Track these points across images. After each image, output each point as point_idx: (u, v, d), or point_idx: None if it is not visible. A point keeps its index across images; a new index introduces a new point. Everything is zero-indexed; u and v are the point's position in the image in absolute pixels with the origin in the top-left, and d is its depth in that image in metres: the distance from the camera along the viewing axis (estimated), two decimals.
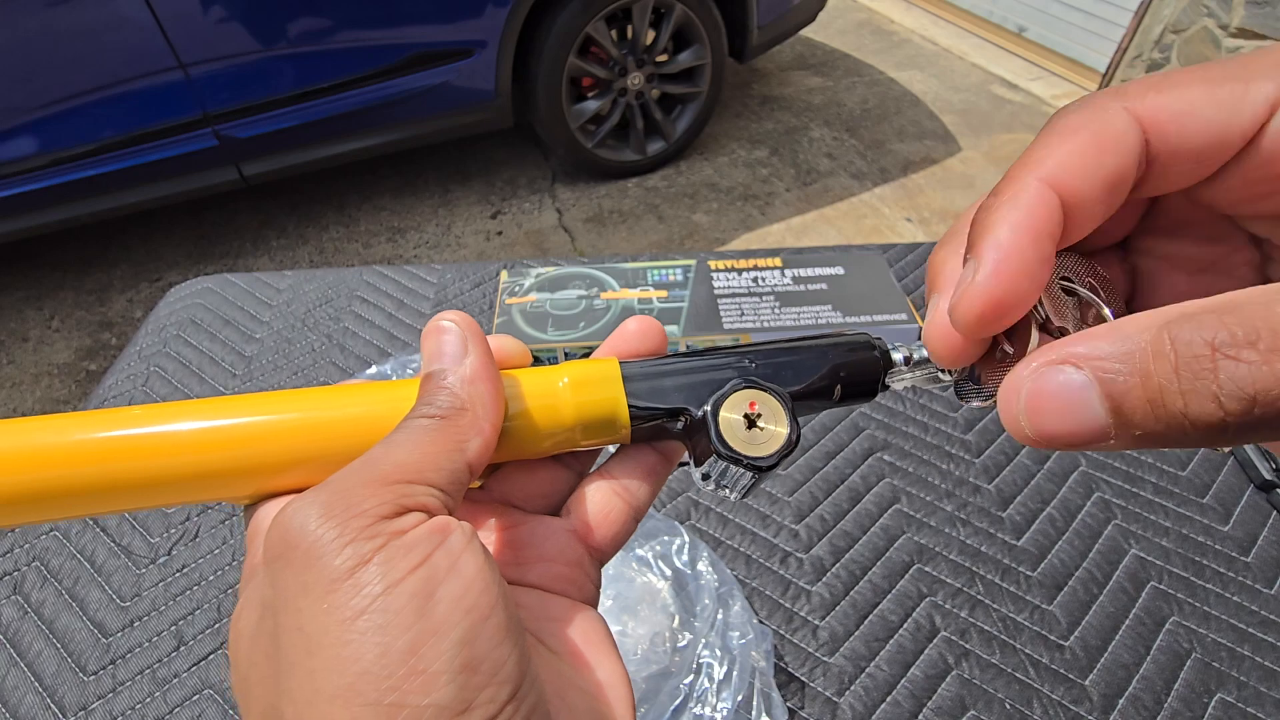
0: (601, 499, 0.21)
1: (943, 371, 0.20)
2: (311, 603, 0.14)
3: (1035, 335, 0.15)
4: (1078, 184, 0.14)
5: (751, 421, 0.19)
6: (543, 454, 0.20)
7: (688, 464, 0.21)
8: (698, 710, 0.37)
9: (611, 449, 0.22)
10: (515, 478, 0.21)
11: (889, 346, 0.21)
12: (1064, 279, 0.16)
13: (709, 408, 0.19)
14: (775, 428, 0.19)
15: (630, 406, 0.20)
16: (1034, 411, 0.13)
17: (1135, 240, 0.18)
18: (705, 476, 0.20)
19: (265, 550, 0.15)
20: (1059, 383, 0.12)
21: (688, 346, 0.55)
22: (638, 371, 0.20)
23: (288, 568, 0.14)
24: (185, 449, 0.17)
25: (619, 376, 0.20)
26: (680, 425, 0.20)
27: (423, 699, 0.13)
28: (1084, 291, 0.16)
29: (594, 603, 0.21)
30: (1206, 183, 0.15)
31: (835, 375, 0.20)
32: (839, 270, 0.61)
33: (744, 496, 0.20)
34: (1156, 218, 0.18)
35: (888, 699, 0.40)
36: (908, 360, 0.20)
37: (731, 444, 0.19)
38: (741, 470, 0.19)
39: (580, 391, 0.20)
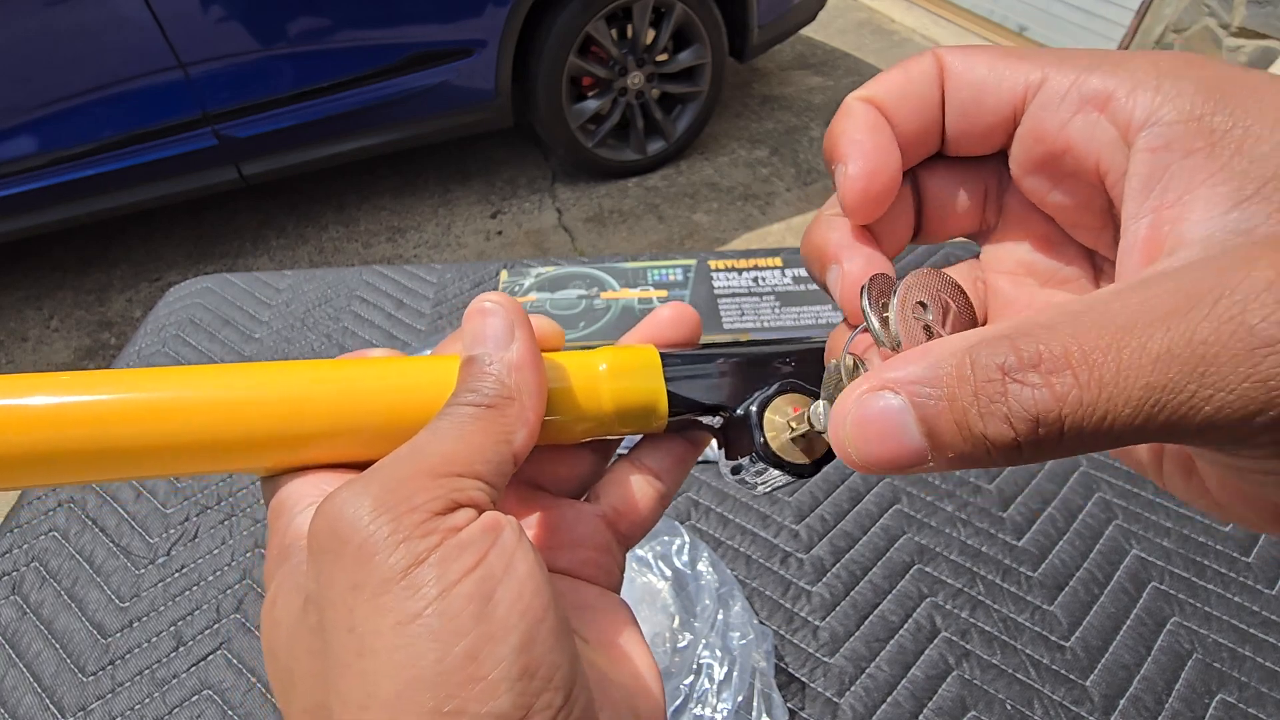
0: (631, 485, 0.21)
1: None
2: (363, 602, 0.13)
3: (877, 357, 0.16)
4: (890, 97, 0.17)
5: (794, 427, 0.19)
6: (576, 440, 0.20)
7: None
8: (698, 711, 0.36)
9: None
10: (544, 460, 0.21)
11: None
12: (919, 301, 0.16)
13: (754, 409, 0.19)
14: (819, 433, 0.18)
15: (670, 398, 0.19)
16: (859, 438, 0.13)
17: (989, 253, 0.19)
18: (736, 470, 0.19)
19: (311, 539, 0.15)
20: (879, 408, 0.12)
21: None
22: (677, 362, 0.20)
23: (337, 563, 0.14)
24: (211, 413, 0.17)
25: (659, 366, 0.19)
26: (716, 420, 0.20)
27: (482, 706, 0.13)
28: (932, 312, 0.16)
29: (619, 589, 0.20)
30: (1009, 165, 0.17)
31: None
32: None
33: (769, 494, 0.20)
34: (1006, 222, 0.18)
35: (888, 699, 0.40)
36: None
37: (776, 449, 0.18)
38: (779, 473, 0.19)
39: (620, 379, 0.19)
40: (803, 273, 0.61)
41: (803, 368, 0.20)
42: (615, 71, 1.92)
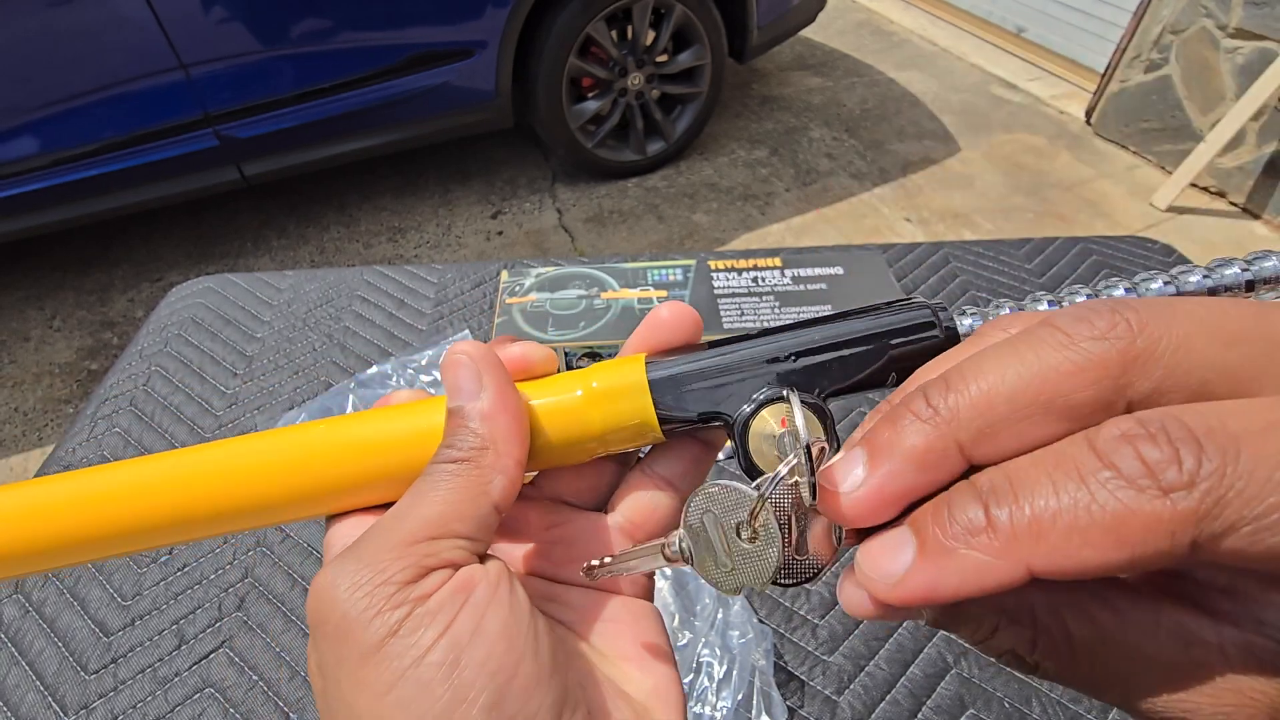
0: (644, 496, 0.21)
1: None
2: (347, 675, 0.14)
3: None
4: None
5: (782, 441, 0.17)
6: (583, 460, 0.20)
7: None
8: (698, 709, 0.37)
9: None
10: (563, 474, 0.21)
11: (952, 318, 0.18)
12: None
13: (736, 427, 0.18)
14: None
15: (661, 415, 0.19)
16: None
17: None
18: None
19: (308, 615, 0.16)
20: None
21: None
22: (664, 376, 0.19)
23: (325, 640, 0.15)
24: (258, 479, 0.19)
25: (645, 385, 0.19)
26: (719, 425, 0.19)
27: None
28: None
29: (649, 595, 0.21)
30: None
31: (888, 364, 0.18)
32: (838, 270, 0.61)
33: None
34: None
35: (887, 697, 0.40)
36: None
37: (762, 468, 0.17)
38: None
39: (605, 404, 0.19)
40: (803, 272, 0.61)
41: (804, 361, 0.18)
42: (615, 72, 1.93)
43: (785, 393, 0.17)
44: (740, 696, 0.37)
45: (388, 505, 0.18)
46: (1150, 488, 0.11)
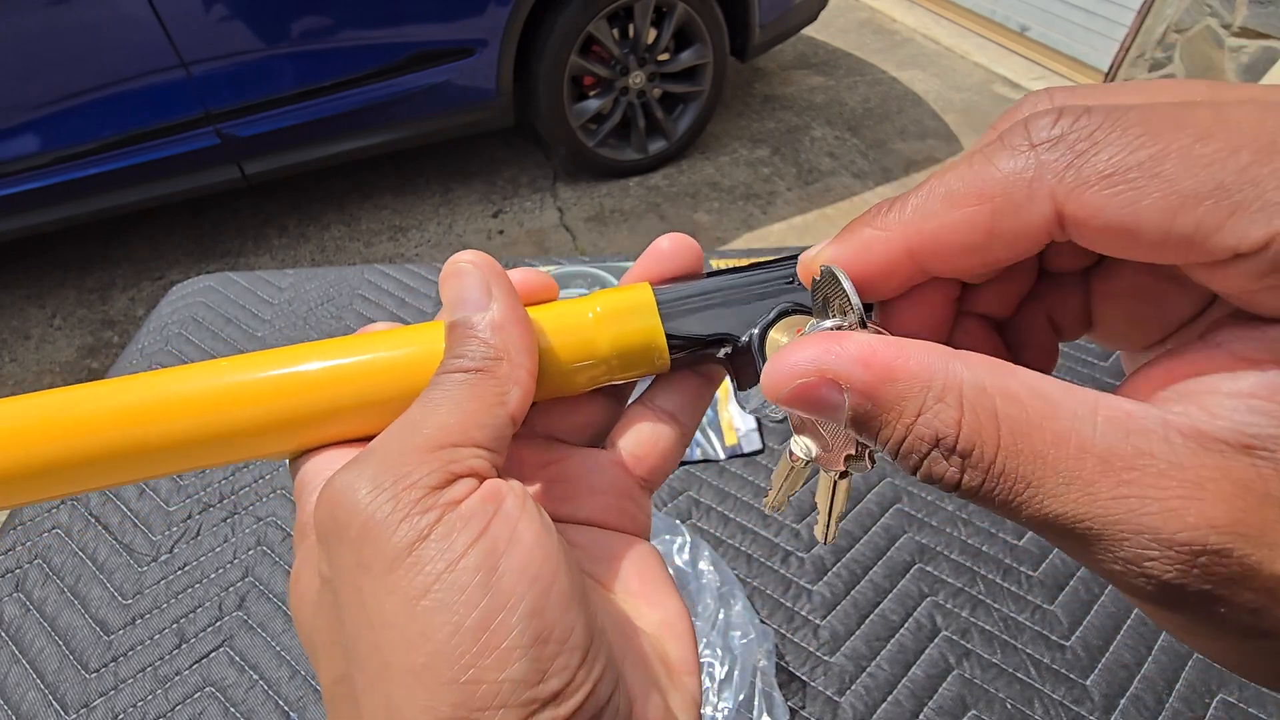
0: (646, 428, 0.20)
1: None
2: (372, 582, 0.14)
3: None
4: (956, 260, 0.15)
5: None
6: (581, 390, 0.19)
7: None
8: None
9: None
10: (556, 411, 0.21)
11: None
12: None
13: (755, 333, 0.18)
14: None
15: (668, 336, 0.18)
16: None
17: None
18: (747, 400, 0.19)
19: (316, 526, 0.15)
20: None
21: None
22: (673, 297, 0.19)
23: (342, 545, 0.14)
24: (219, 407, 0.17)
25: (654, 305, 0.19)
26: (725, 352, 0.19)
27: (499, 674, 0.13)
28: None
29: (646, 534, 0.20)
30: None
31: None
32: None
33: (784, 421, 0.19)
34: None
35: (889, 698, 0.40)
36: None
37: None
38: None
39: (613, 324, 0.18)
40: None
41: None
42: (617, 71, 1.92)
43: (834, 270, 0.16)
44: (742, 697, 0.37)
45: (366, 440, 0.17)
46: (1022, 145, 0.13)
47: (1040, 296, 0.18)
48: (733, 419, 0.54)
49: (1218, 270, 0.12)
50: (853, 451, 0.15)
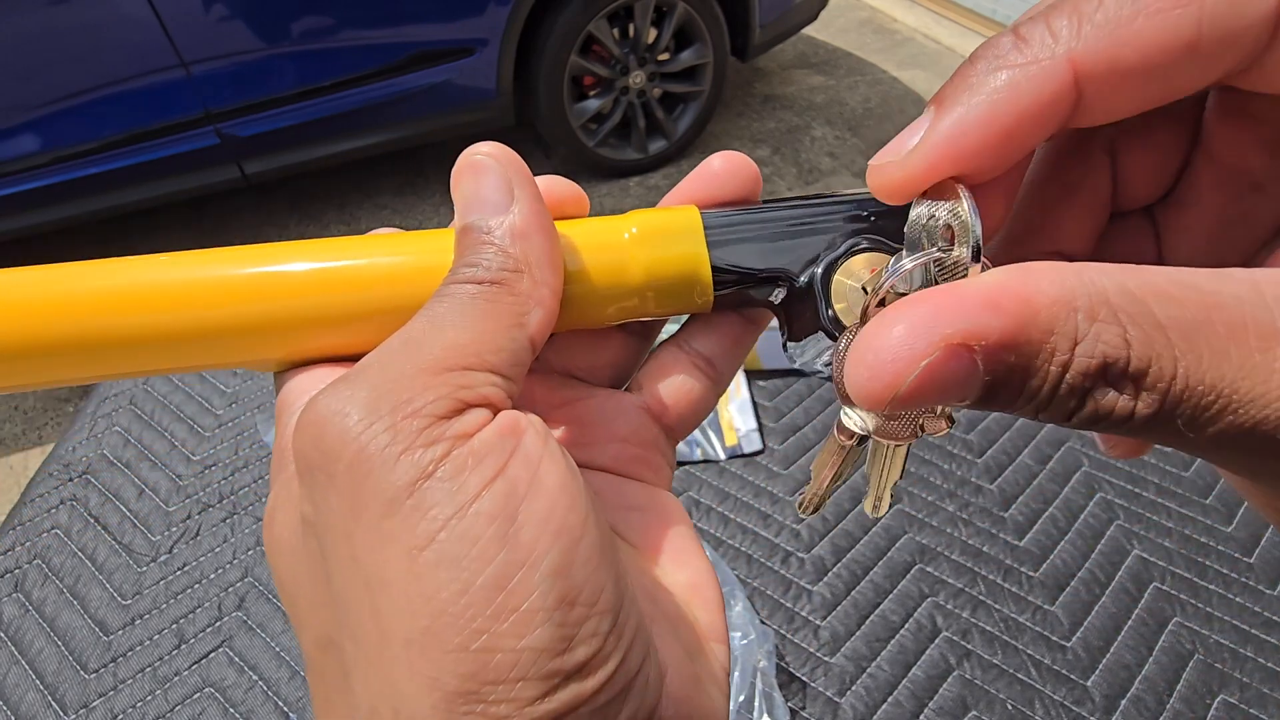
0: (679, 373, 0.18)
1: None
2: (365, 529, 0.11)
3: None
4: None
5: (870, 292, 0.14)
6: (607, 323, 0.17)
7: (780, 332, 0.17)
8: None
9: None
10: (576, 346, 0.18)
11: None
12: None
13: (819, 273, 0.15)
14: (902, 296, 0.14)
15: (714, 268, 0.16)
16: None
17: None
18: (799, 355, 0.17)
19: (297, 457, 0.13)
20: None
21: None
22: (723, 222, 0.16)
23: (330, 483, 0.12)
24: (202, 302, 0.15)
25: (700, 228, 0.16)
26: (777, 294, 0.16)
27: (517, 641, 0.11)
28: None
29: (669, 486, 0.18)
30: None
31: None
32: None
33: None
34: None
35: (889, 699, 0.40)
36: None
37: (848, 324, 0.15)
38: None
39: (652, 247, 0.16)
40: None
41: (887, 222, 0.16)
42: (617, 71, 1.92)
43: (956, 185, 0.13)
44: (742, 698, 0.37)
45: (357, 358, 0.14)
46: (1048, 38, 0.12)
47: (1110, 246, 0.16)
48: (733, 419, 0.54)
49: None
50: (933, 411, 0.13)
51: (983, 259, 0.12)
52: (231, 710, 0.40)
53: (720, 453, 0.53)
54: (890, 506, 0.16)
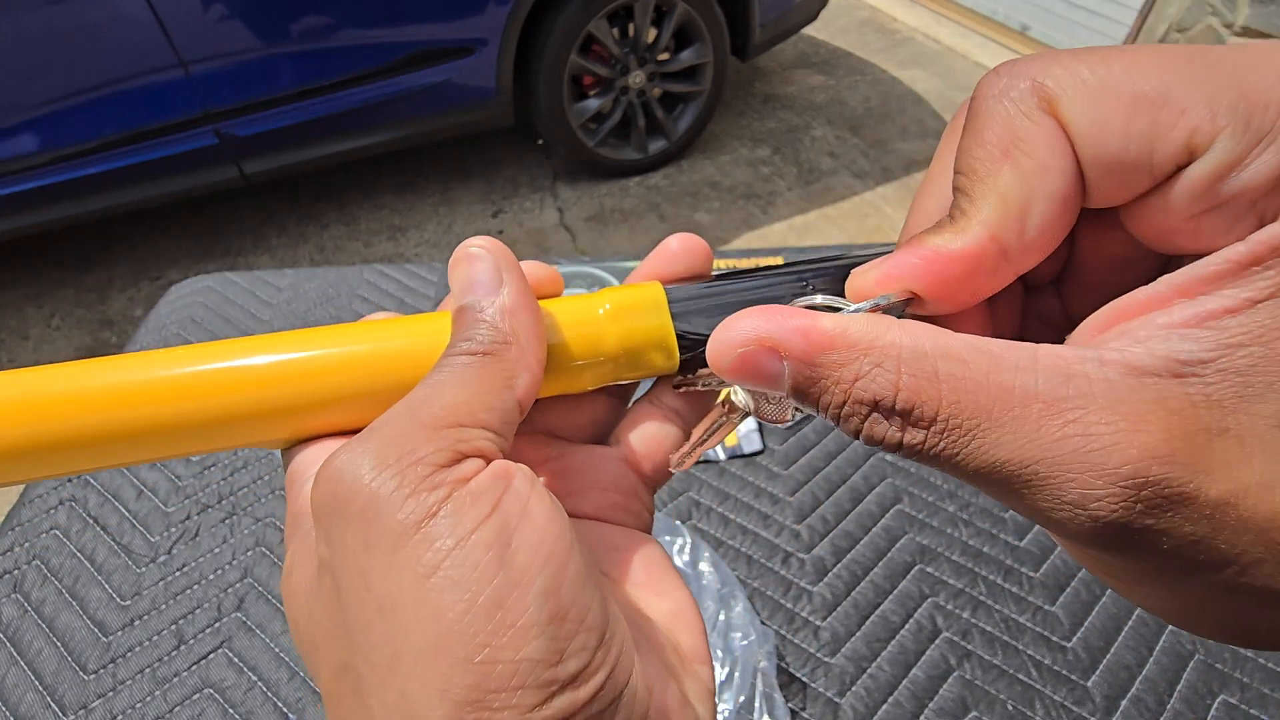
0: (652, 425, 0.20)
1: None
2: (378, 561, 0.13)
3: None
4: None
5: None
6: (586, 388, 0.19)
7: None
8: None
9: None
10: (558, 409, 0.20)
11: None
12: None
13: None
14: None
15: (678, 335, 0.18)
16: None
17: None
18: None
19: (315, 506, 0.14)
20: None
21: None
22: (684, 296, 0.19)
23: (346, 525, 0.13)
24: (215, 391, 0.17)
25: (665, 303, 0.18)
26: None
27: (515, 653, 0.12)
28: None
29: (649, 530, 0.20)
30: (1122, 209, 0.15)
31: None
32: None
33: (797, 423, 0.19)
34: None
35: (889, 700, 0.40)
36: None
37: None
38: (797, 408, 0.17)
39: (623, 321, 0.18)
40: None
41: (827, 285, 0.18)
42: (617, 70, 1.92)
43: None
44: (742, 699, 0.37)
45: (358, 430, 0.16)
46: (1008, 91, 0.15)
47: (1030, 309, 0.18)
48: None
49: (1152, 205, 0.13)
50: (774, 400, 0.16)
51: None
52: (231, 711, 0.40)
53: (720, 453, 0.53)
54: (688, 468, 0.19)
